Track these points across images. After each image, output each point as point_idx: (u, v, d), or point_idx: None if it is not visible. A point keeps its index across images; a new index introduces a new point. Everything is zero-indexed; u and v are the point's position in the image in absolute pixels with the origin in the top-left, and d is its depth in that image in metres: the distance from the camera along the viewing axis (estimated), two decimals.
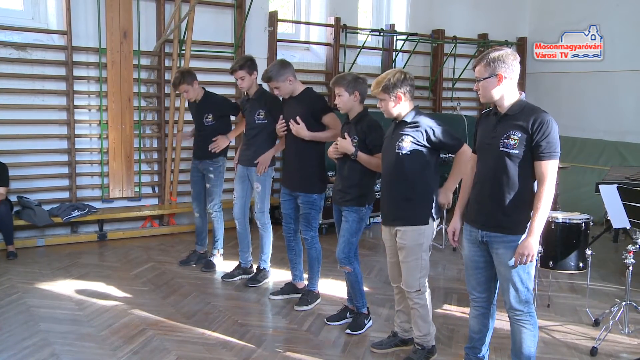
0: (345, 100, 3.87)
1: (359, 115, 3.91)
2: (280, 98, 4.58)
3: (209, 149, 5.27)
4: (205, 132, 5.33)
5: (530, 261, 2.95)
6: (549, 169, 2.89)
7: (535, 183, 2.98)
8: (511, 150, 2.93)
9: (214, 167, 5.35)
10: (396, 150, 3.42)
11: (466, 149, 3.45)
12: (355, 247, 4.01)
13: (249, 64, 4.92)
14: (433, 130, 3.39)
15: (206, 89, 5.41)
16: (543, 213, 2.90)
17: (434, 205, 3.47)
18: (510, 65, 2.96)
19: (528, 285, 3.06)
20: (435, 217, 3.50)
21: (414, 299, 3.54)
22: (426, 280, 3.55)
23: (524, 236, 2.96)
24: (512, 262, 2.98)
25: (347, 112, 3.93)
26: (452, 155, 3.57)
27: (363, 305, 4.14)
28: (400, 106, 3.44)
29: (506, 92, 2.99)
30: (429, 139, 3.39)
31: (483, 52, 3.18)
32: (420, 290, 3.51)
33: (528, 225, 2.96)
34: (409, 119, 3.44)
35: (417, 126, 3.41)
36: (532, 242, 2.92)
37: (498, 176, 2.99)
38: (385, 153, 3.56)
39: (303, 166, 4.38)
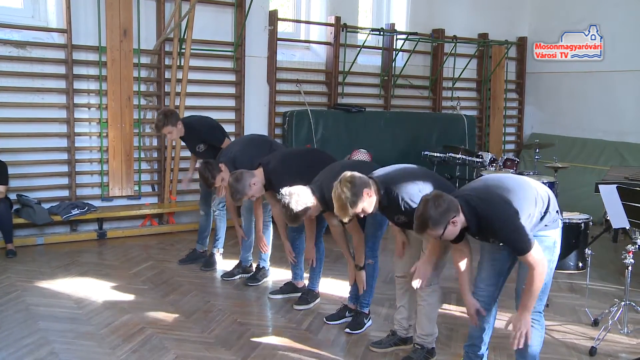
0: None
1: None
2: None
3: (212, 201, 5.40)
4: (202, 157, 5.35)
5: (524, 333, 2.95)
6: (531, 260, 2.87)
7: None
8: (502, 252, 3.02)
9: None
10: (396, 221, 3.42)
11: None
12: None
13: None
14: (407, 199, 3.25)
15: (185, 122, 5.27)
16: (534, 292, 2.93)
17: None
18: (451, 209, 2.86)
19: (547, 282, 3.08)
20: None
21: (423, 295, 3.53)
22: (439, 278, 3.54)
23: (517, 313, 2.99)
24: (516, 344, 2.98)
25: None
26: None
27: (367, 303, 4.13)
28: (368, 206, 3.27)
29: (461, 225, 2.92)
30: (409, 207, 3.23)
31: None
32: (432, 285, 3.50)
33: (555, 219, 3.04)
34: (384, 203, 3.32)
35: (396, 205, 3.28)
36: (525, 316, 2.96)
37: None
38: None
39: None
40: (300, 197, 3.69)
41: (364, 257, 3.93)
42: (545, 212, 3.03)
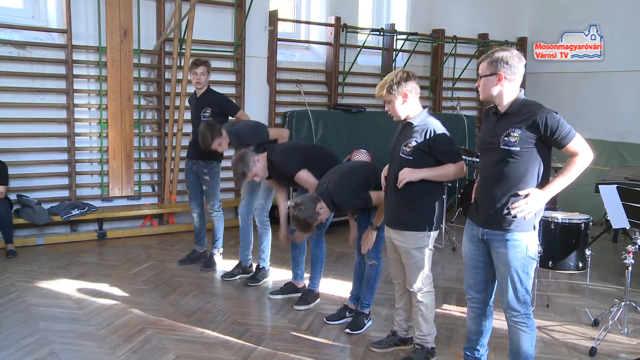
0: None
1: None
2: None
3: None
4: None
5: (527, 212, 2.92)
6: (576, 146, 2.96)
7: (536, 181, 2.97)
8: (512, 148, 2.91)
9: (208, 169, 5.32)
10: (400, 154, 3.36)
11: (460, 167, 3.34)
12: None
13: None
14: (436, 135, 3.30)
15: (210, 87, 5.41)
16: (567, 177, 2.94)
17: (435, 213, 3.41)
18: (512, 67, 2.95)
19: (527, 286, 3.05)
20: (435, 226, 3.42)
21: (417, 296, 3.53)
22: (430, 280, 3.54)
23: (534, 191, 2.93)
24: (514, 211, 2.93)
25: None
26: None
27: (368, 304, 4.14)
28: (408, 106, 3.35)
29: (505, 92, 2.99)
30: (429, 144, 3.30)
31: (484, 51, 3.20)
32: (422, 289, 3.51)
33: (530, 221, 2.96)
34: (416, 121, 3.36)
35: (422, 130, 3.32)
36: (541, 196, 2.92)
37: (499, 175, 2.97)
38: (392, 154, 3.49)
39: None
40: (309, 205, 3.73)
41: (382, 218, 3.74)
42: None
